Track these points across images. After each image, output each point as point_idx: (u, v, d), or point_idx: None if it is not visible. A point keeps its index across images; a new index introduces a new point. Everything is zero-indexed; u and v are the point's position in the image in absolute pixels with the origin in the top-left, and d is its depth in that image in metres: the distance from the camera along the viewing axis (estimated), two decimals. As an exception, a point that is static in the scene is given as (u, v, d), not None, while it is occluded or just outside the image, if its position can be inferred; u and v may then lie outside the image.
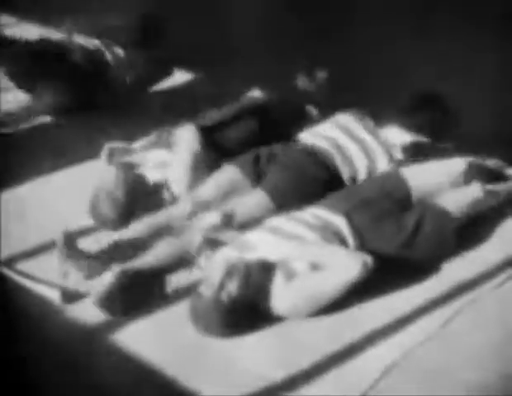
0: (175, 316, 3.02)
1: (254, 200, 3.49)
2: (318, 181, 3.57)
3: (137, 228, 3.39)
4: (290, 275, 2.98)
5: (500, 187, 3.56)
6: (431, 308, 3.04)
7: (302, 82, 4.56)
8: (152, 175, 3.69)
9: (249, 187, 3.59)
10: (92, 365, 2.86)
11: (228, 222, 3.32)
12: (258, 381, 2.71)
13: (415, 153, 3.72)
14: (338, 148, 3.69)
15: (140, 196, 3.56)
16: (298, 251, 3.04)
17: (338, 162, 3.65)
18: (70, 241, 3.24)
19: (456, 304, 3.05)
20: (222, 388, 2.70)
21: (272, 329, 2.95)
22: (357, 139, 3.73)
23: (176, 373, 2.76)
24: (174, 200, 3.62)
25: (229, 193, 3.55)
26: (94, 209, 3.52)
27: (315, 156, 3.66)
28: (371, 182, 3.51)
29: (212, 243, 3.11)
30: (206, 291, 2.88)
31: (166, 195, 3.64)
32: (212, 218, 3.32)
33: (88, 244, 3.36)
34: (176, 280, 3.18)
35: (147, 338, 2.96)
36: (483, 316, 3.00)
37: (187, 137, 3.71)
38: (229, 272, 2.89)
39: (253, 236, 3.17)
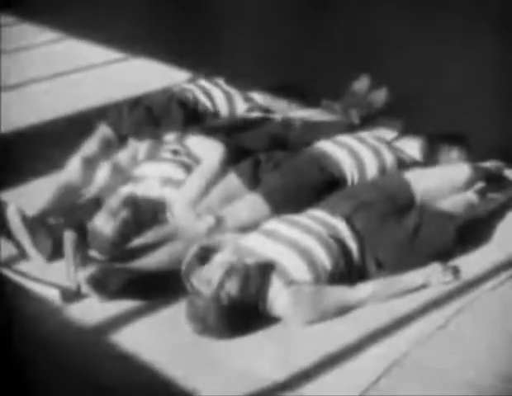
0: (174, 316, 3.02)
1: (249, 204, 3.45)
2: (317, 186, 3.53)
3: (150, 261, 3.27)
4: (288, 281, 2.98)
5: (497, 195, 3.57)
6: (431, 308, 3.04)
7: (361, 86, 4.52)
8: (156, 191, 3.60)
9: (246, 193, 3.54)
10: (90, 364, 2.85)
11: (220, 225, 3.32)
12: (257, 381, 2.71)
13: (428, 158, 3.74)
14: (349, 150, 3.66)
15: (137, 223, 3.46)
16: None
17: (347, 165, 3.62)
18: (80, 246, 3.24)
19: (456, 304, 3.04)
20: (221, 389, 2.70)
21: (271, 330, 2.95)
22: (366, 142, 3.73)
23: (174, 373, 2.76)
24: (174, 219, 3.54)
25: (226, 199, 3.52)
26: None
27: (318, 161, 3.63)
28: (372, 185, 3.49)
29: (205, 252, 3.09)
30: (205, 291, 2.88)
31: (167, 214, 3.56)
32: (205, 222, 3.32)
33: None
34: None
35: (146, 338, 2.96)
36: (483, 316, 3.00)
37: (215, 159, 3.64)
38: (229, 272, 2.89)
39: (250, 240, 3.17)
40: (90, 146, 4.00)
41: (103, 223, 3.37)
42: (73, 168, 3.86)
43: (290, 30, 6.27)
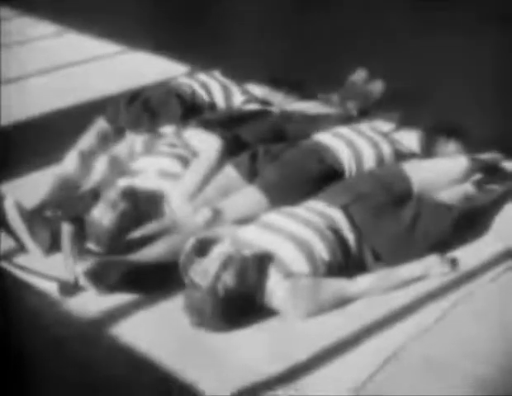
0: (172, 309, 3.02)
1: (247, 196, 3.46)
2: (315, 178, 3.53)
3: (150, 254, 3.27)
4: (286, 273, 2.99)
5: (495, 186, 3.57)
6: (429, 300, 3.03)
7: (358, 78, 4.51)
8: (153, 183, 3.60)
9: (244, 185, 3.54)
10: (90, 357, 2.85)
11: (217, 217, 3.32)
12: (254, 375, 2.71)
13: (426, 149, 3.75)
14: (347, 142, 3.66)
15: (134, 217, 3.45)
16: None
17: (345, 157, 3.61)
18: (78, 239, 3.24)
19: (454, 296, 3.04)
20: (218, 382, 2.70)
21: (268, 323, 2.95)
22: (363, 134, 3.72)
23: (172, 366, 2.76)
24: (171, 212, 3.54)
25: (224, 192, 3.51)
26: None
27: (316, 153, 3.63)
28: (370, 176, 3.49)
29: (202, 245, 3.09)
30: (202, 282, 2.88)
31: (165, 207, 3.55)
32: (203, 215, 3.33)
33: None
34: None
35: (144, 331, 2.96)
36: (481, 308, 2.99)
37: (213, 152, 3.65)
38: (225, 263, 2.89)
39: (247, 232, 3.17)
40: (87, 140, 4.01)
41: (102, 215, 3.37)
42: (70, 162, 3.87)
43: (287, 26, 6.28)
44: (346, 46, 5.65)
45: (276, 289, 2.95)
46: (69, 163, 3.87)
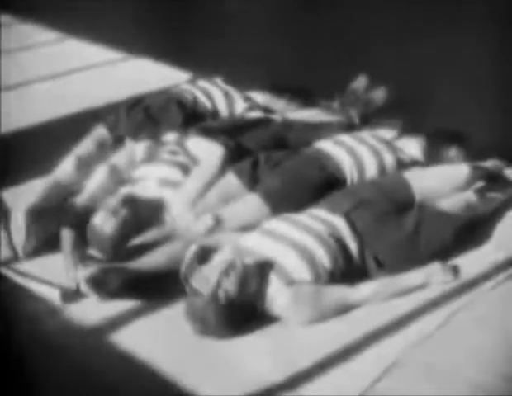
0: (173, 317, 3.02)
1: (249, 203, 3.46)
2: (316, 185, 3.53)
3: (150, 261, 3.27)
4: (287, 280, 2.98)
5: (497, 194, 3.56)
6: (431, 307, 3.03)
7: (359, 85, 4.51)
8: (154, 191, 3.61)
9: (246, 193, 3.54)
10: (90, 365, 2.85)
11: (218, 225, 3.32)
12: (256, 381, 2.70)
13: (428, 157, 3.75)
14: (349, 150, 3.66)
15: (135, 224, 3.46)
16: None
17: (347, 165, 3.62)
18: (79, 245, 3.24)
19: (456, 304, 3.04)
20: (220, 389, 2.70)
21: (270, 330, 2.95)
22: (365, 142, 3.72)
23: (174, 373, 2.76)
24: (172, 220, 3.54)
25: (225, 199, 3.52)
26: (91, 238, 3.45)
27: (317, 160, 3.64)
28: (372, 184, 3.50)
29: (204, 252, 3.08)
30: (203, 289, 2.88)
31: (165, 215, 3.55)
32: (204, 222, 3.32)
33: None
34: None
35: (145, 338, 2.96)
36: (483, 315, 2.99)
37: (215, 160, 3.66)
38: (227, 271, 2.90)
39: (249, 239, 3.17)
40: (84, 146, 4.00)
41: (103, 222, 3.38)
42: (65, 167, 3.87)
43: (287, 29, 6.29)
44: (346, 47, 5.66)
45: (277, 296, 2.96)
46: (65, 167, 3.87)
